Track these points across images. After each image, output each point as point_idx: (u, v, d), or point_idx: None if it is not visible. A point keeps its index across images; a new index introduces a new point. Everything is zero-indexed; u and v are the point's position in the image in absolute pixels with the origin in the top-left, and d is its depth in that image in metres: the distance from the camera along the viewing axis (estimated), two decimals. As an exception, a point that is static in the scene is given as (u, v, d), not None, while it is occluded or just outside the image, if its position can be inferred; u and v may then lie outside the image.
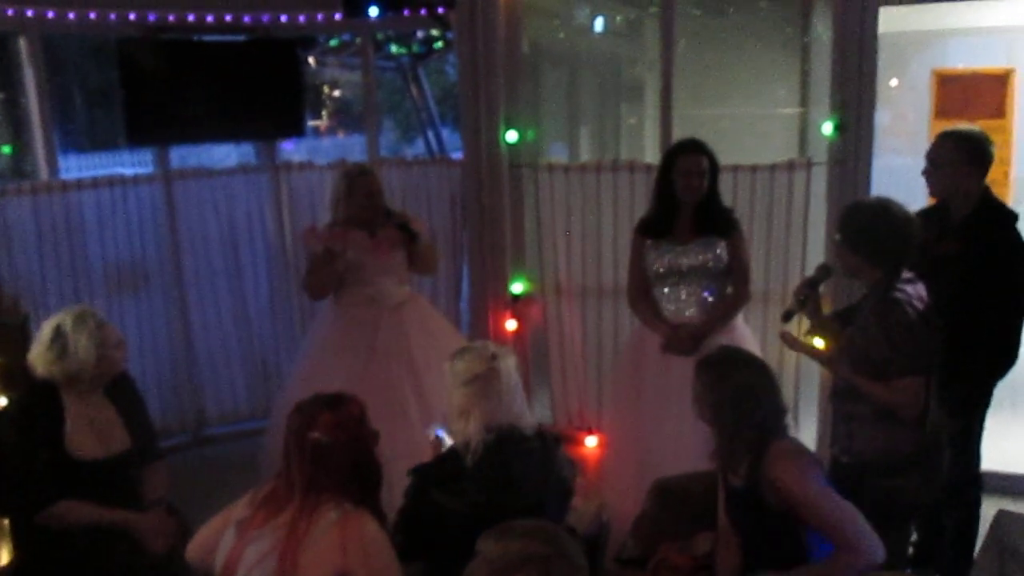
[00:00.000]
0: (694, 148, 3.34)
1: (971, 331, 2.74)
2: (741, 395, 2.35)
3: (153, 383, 4.47)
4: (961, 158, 2.97)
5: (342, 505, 2.02)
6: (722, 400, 2.37)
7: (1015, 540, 2.47)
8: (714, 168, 3.36)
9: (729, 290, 3.44)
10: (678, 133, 4.32)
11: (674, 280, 3.39)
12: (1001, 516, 2.58)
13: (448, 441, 2.49)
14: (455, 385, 2.31)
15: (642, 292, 3.50)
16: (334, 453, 2.04)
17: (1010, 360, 3.05)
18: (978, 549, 2.76)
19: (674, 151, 3.39)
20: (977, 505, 3.12)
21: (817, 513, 2.25)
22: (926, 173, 3.07)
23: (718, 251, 3.36)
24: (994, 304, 2.91)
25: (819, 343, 2.89)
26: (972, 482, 3.10)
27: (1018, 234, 3.01)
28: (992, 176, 3.89)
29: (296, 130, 4.69)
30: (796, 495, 2.25)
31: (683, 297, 3.40)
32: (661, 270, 3.39)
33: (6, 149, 5.30)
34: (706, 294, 3.39)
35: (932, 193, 3.09)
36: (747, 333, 3.50)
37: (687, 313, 3.39)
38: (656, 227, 3.42)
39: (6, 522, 2.68)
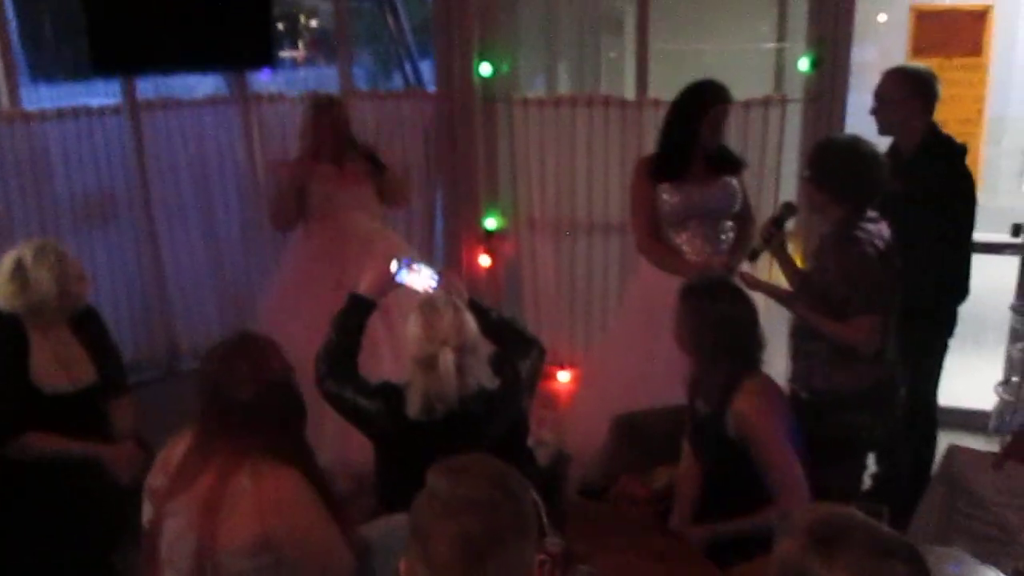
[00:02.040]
0: (725, 97, 3.19)
1: (922, 268, 2.76)
2: (721, 324, 2.37)
3: (125, 316, 4.46)
4: (905, 93, 3.00)
5: (257, 466, 1.87)
6: (702, 327, 2.40)
7: (964, 474, 2.54)
8: None
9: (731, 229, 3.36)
10: (655, 68, 4.28)
11: (695, 222, 3.26)
12: (952, 450, 2.64)
13: (423, 278, 2.48)
14: (408, 345, 2.26)
15: (654, 235, 3.33)
16: (260, 410, 1.88)
17: (960, 295, 3.10)
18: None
19: (705, 100, 3.17)
20: (933, 441, 3.20)
21: (767, 455, 2.30)
22: (874, 110, 3.07)
23: (734, 188, 3.29)
24: (942, 239, 2.94)
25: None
26: (929, 418, 3.16)
27: (965, 168, 3.04)
28: (966, 114, 3.90)
29: (265, 60, 4.57)
30: (755, 432, 2.30)
31: (702, 239, 3.29)
32: (680, 212, 3.25)
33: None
34: (723, 235, 3.33)
35: (879, 130, 3.11)
36: None
37: (706, 253, 3.27)
38: (674, 169, 3.24)
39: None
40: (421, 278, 2.48)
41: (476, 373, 2.25)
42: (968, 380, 4.03)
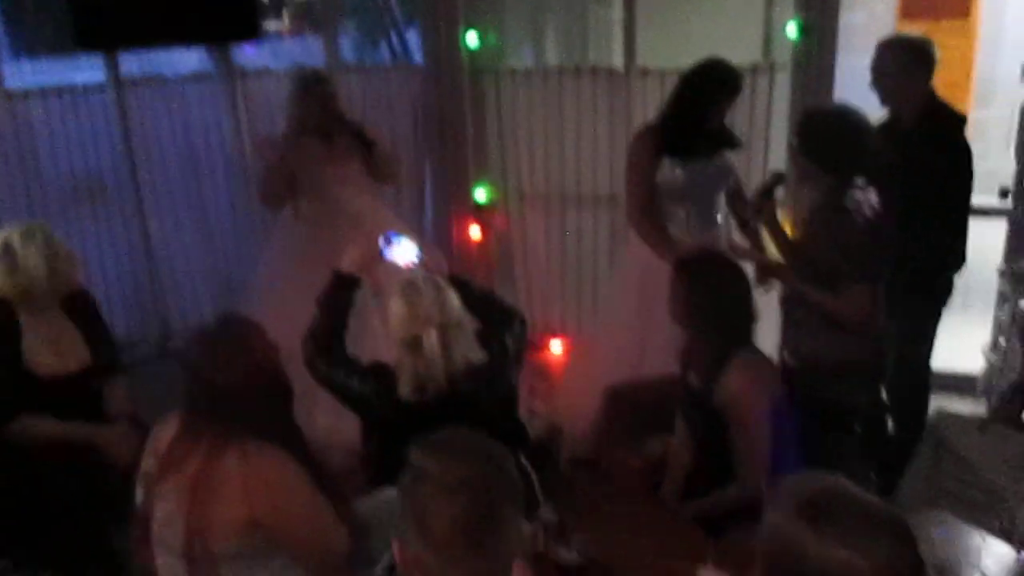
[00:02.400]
0: (741, 84, 3.17)
1: (920, 237, 2.78)
2: (715, 298, 2.39)
3: (117, 297, 4.46)
4: (903, 63, 2.98)
5: (243, 448, 1.89)
6: (695, 300, 2.41)
7: (951, 438, 2.57)
8: None
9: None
10: (643, 35, 4.25)
11: (693, 198, 3.24)
12: (940, 415, 2.67)
13: (407, 252, 2.49)
14: (392, 327, 2.27)
15: (647, 210, 3.27)
16: (246, 393, 1.91)
17: (957, 263, 3.11)
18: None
19: (723, 84, 3.11)
20: (926, 407, 3.23)
21: (740, 431, 2.34)
22: (874, 83, 3.06)
23: (732, 167, 3.29)
24: (940, 208, 2.94)
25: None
26: (923, 386, 3.19)
27: (964, 139, 3.04)
28: (954, 78, 3.90)
29: (250, 33, 4.52)
30: (737, 408, 2.33)
31: (699, 216, 3.28)
32: (682, 188, 3.21)
33: (-51, 56, 5.08)
34: (718, 212, 3.32)
35: (881, 101, 3.09)
36: None
37: (692, 226, 3.27)
38: (680, 143, 3.17)
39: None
40: (403, 252, 2.49)
41: (463, 349, 2.25)
42: (956, 343, 4.06)
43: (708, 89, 3.13)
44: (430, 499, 1.23)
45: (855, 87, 3.42)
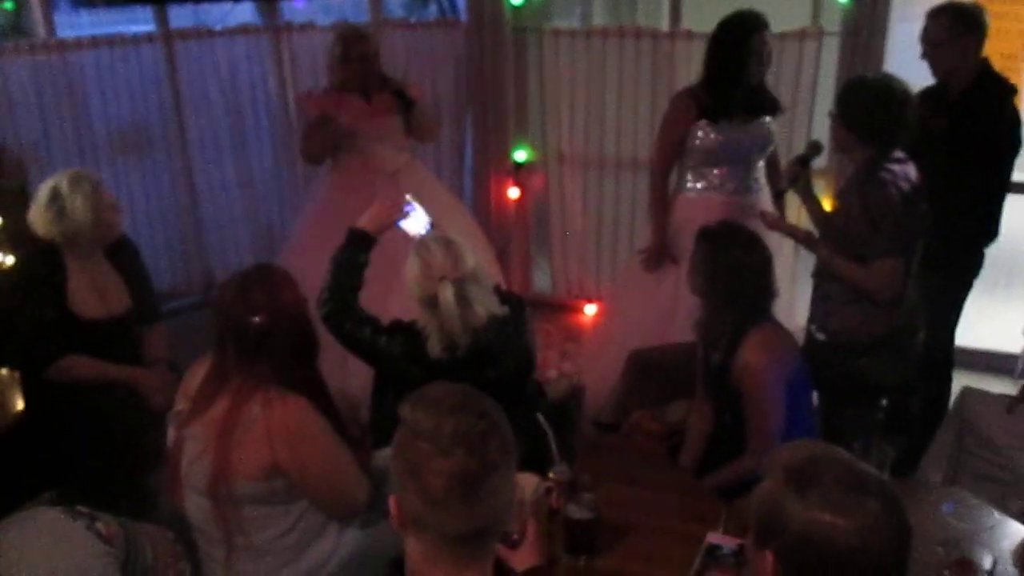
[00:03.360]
0: (765, 23, 3.10)
1: (959, 208, 2.72)
2: (733, 272, 2.38)
3: (162, 246, 4.58)
4: (956, 34, 2.90)
5: (268, 394, 1.94)
6: (714, 273, 2.41)
7: (976, 416, 2.55)
8: None
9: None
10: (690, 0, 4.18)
11: (726, 158, 3.24)
12: (965, 392, 2.64)
13: (418, 222, 2.52)
14: (410, 289, 2.28)
15: (668, 175, 3.35)
16: (273, 336, 1.94)
17: (992, 236, 3.06)
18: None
19: (748, 29, 3.08)
20: (949, 381, 3.20)
21: (752, 407, 2.35)
22: (925, 55, 2.98)
23: (772, 129, 3.26)
24: (983, 179, 2.88)
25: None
26: (946, 360, 3.15)
27: (1014, 107, 2.96)
28: (1010, 49, 3.76)
29: (297, -12, 4.56)
30: (751, 384, 2.34)
31: (734, 180, 3.28)
32: (718, 152, 3.22)
33: (8, 4, 5.19)
34: (754, 178, 3.30)
35: (935, 73, 3.01)
36: None
37: (732, 191, 3.28)
38: (718, 106, 3.17)
39: (18, 374, 2.82)
40: (415, 223, 2.52)
41: (483, 301, 2.26)
42: (997, 323, 3.99)
43: (733, 37, 3.11)
44: (424, 455, 1.24)
45: (908, 56, 3.33)
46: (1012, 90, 2.98)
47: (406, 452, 1.27)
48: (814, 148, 2.83)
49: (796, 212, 3.49)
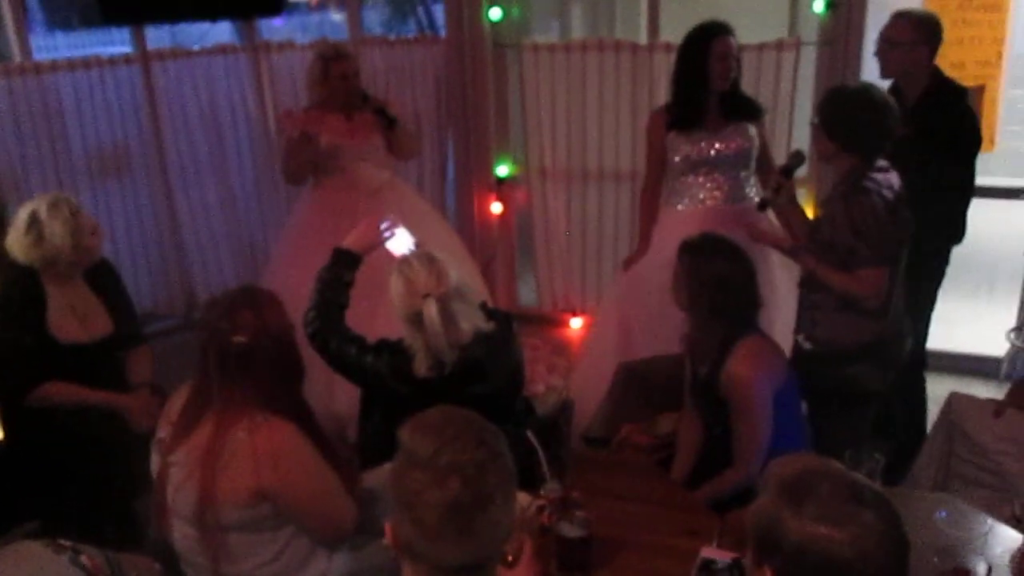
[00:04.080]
0: (725, 29, 3.14)
1: (924, 212, 2.74)
2: (716, 284, 2.36)
3: (143, 267, 4.53)
4: (919, 37, 2.97)
5: (253, 419, 1.92)
6: (698, 288, 2.39)
7: (964, 421, 2.55)
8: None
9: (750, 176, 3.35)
10: (668, 12, 4.20)
11: (705, 169, 3.27)
12: (952, 397, 2.65)
13: (402, 242, 2.52)
14: (395, 308, 2.26)
15: (656, 190, 3.40)
16: (257, 357, 1.92)
17: (959, 237, 3.13)
18: (930, 427, 2.87)
19: (707, 35, 3.13)
20: (923, 384, 3.26)
21: (740, 419, 2.34)
22: (880, 52, 3.03)
23: (750, 135, 3.27)
24: (946, 179, 2.93)
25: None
26: (918, 363, 3.17)
27: (968, 107, 3.04)
28: (985, 56, 3.81)
29: (276, 8, 4.54)
30: (739, 395, 2.33)
31: (713, 186, 3.30)
32: (692, 158, 3.25)
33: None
34: (734, 182, 3.31)
35: (883, 73, 3.09)
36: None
37: (714, 201, 3.30)
38: (687, 117, 3.23)
39: (-3, 402, 2.77)
40: (400, 242, 2.52)
41: (468, 317, 2.25)
42: (980, 326, 4.02)
43: (695, 45, 3.16)
44: (419, 484, 1.21)
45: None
46: (962, 91, 3.08)
47: (402, 481, 1.24)
48: (796, 158, 2.83)
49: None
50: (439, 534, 1.21)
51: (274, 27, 4.93)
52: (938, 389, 3.23)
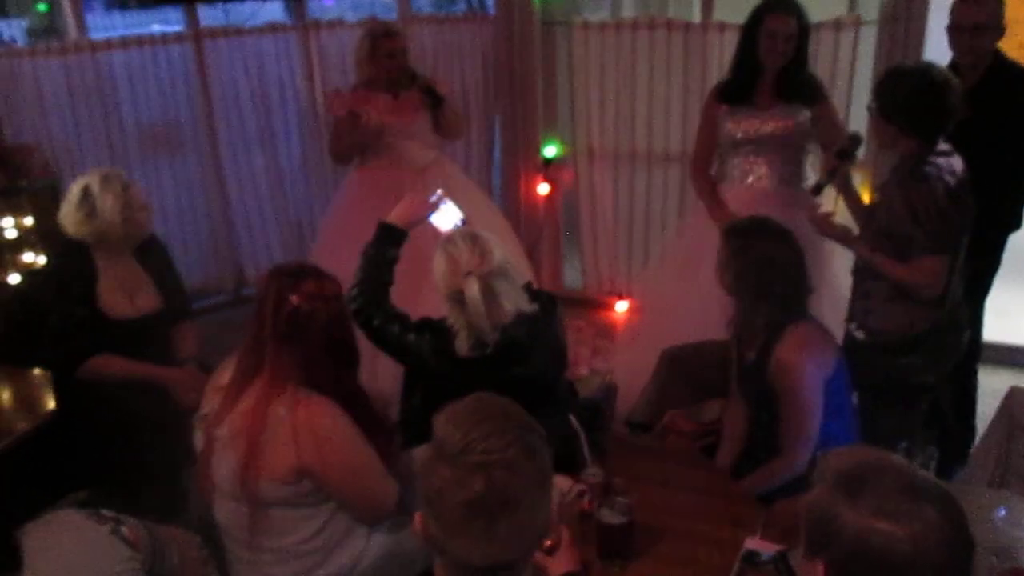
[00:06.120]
0: (784, 7, 3.03)
1: (980, 197, 2.63)
2: (763, 267, 2.30)
3: (193, 244, 4.59)
4: (1000, 20, 2.83)
5: (295, 395, 1.91)
6: (744, 270, 2.33)
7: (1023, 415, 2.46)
8: (804, 30, 3.09)
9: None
10: (723, -13, 4.10)
11: (751, 148, 3.20)
12: (1014, 391, 2.55)
13: (449, 217, 2.49)
14: (438, 286, 2.24)
15: (706, 164, 3.33)
16: (311, 325, 1.92)
17: (1015, 225, 3.03)
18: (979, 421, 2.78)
19: (761, 8, 3.07)
20: (974, 377, 3.15)
21: (789, 407, 2.27)
22: (961, 36, 2.89)
23: (800, 119, 3.16)
24: (1005, 165, 2.82)
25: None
26: (971, 354, 3.05)
27: None
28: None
29: (326, -15, 4.55)
30: (787, 383, 2.26)
31: (759, 167, 3.22)
32: (739, 136, 3.18)
33: (41, 6, 5.25)
34: (784, 165, 3.22)
35: (963, 57, 2.94)
36: None
37: (761, 183, 3.22)
38: (735, 92, 3.18)
39: (49, 373, 2.82)
40: (446, 217, 2.47)
41: (511, 297, 2.20)
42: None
43: (753, 15, 3.09)
44: (443, 481, 1.17)
45: (947, 46, 3.24)
46: None
47: (428, 476, 1.20)
48: (853, 141, 2.74)
49: (833, 204, 3.40)
50: (460, 533, 1.18)
51: (324, 6, 4.93)
52: (994, 382, 3.13)
